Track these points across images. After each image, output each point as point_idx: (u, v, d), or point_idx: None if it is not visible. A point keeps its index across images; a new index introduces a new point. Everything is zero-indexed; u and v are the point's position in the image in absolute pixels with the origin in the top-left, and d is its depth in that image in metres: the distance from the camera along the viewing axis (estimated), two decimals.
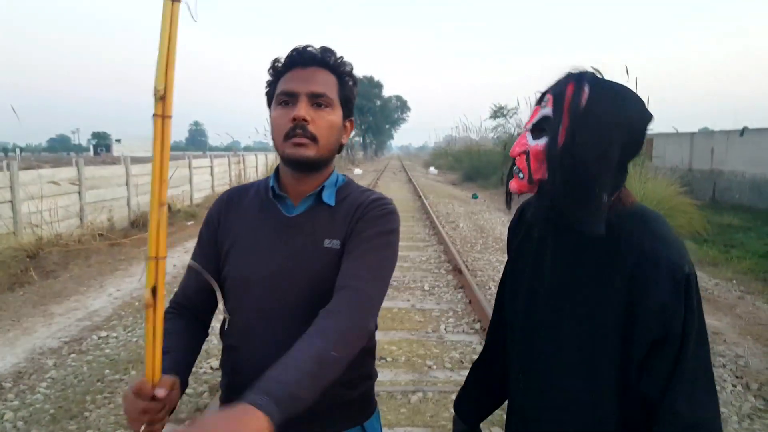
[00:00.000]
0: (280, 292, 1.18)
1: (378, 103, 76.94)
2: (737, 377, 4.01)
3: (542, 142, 1.02)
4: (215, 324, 1.33)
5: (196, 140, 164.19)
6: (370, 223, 1.19)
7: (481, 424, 1.45)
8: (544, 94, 1.06)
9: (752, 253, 8.58)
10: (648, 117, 1.03)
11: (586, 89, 0.98)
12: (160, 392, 0.96)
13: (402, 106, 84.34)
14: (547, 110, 1.02)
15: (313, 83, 1.18)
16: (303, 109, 1.16)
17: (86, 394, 3.71)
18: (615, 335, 1.00)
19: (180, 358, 1.15)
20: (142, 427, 0.97)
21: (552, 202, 1.01)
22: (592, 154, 0.97)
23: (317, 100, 1.18)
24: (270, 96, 1.25)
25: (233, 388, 1.22)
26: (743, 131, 15.22)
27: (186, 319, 1.26)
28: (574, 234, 1.02)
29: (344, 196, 1.25)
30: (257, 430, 0.80)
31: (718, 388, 3.73)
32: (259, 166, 21.06)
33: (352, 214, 1.22)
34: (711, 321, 5.38)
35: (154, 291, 0.90)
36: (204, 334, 1.31)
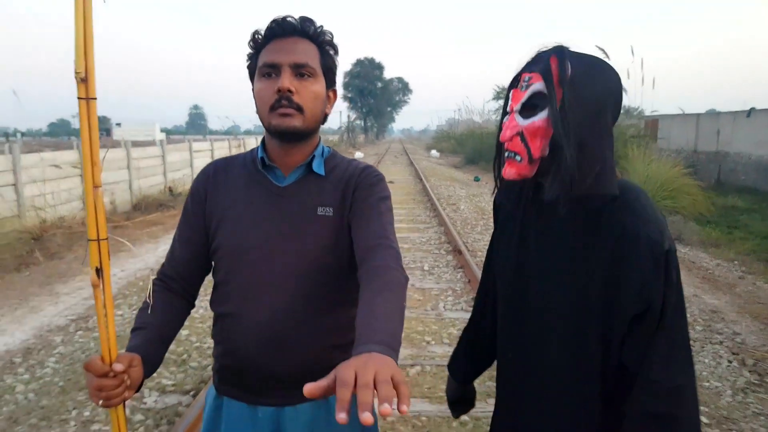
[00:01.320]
0: (275, 258, 1.20)
1: (379, 85, 76.04)
2: (733, 353, 4.06)
3: (538, 118, 1.01)
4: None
5: (196, 124, 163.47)
6: (368, 190, 1.24)
7: (477, 397, 1.52)
8: (517, 77, 1.07)
9: (755, 235, 8.60)
10: (620, 80, 1.07)
11: (568, 62, 1.01)
12: (118, 366, 0.98)
13: (403, 88, 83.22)
14: (537, 86, 1.01)
15: (294, 54, 1.18)
16: (287, 80, 1.16)
17: None
18: (597, 309, 1.03)
19: (153, 334, 1.16)
20: (100, 402, 0.99)
21: (571, 177, 0.99)
22: (588, 123, 1.00)
23: (300, 71, 1.18)
24: (252, 69, 1.24)
25: (230, 354, 1.26)
26: (750, 112, 15.08)
27: (171, 291, 1.27)
28: (559, 211, 1.03)
29: (332, 166, 1.28)
30: (395, 364, 0.79)
31: (714, 363, 3.82)
32: None
33: (345, 183, 1.25)
34: (710, 300, 5.43)
35: (98, 271, 0.93)
36: (189, 306, 1.32)
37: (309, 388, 0.73)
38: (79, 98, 0.88)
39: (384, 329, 0.91)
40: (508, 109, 1.08)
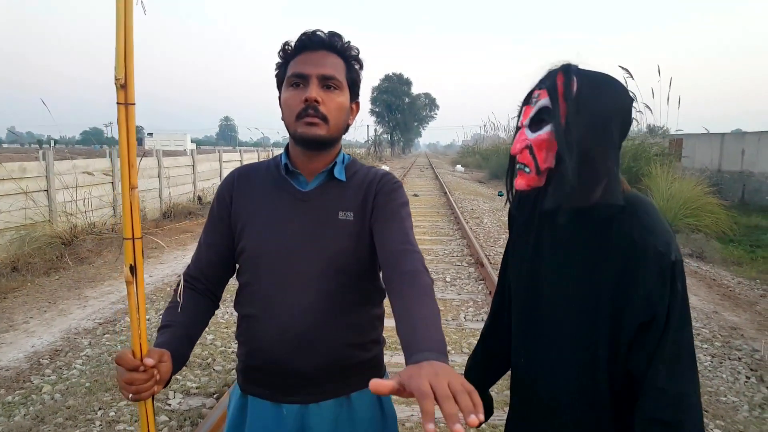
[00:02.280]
0: (297, 261, 1.24)
1: (406, 100, 76.36)
2: (752, 370, 4.02)
3: (544, 131, 1.06)
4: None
5: (226, 135, 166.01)
6: (388, 196, 1.28)
7: (495, 405, 1.53)
8: (530, 93, 1.12)
9: None
10: (631, 99, 1.10)
11: (574, 78, 1.05)
12: (149, 361, 1.01)
13: (430, 103, 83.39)
14: (544, 101, 1.07)
15: (323, 66, 1.22)
16: (314, 91, 1.21)
17: None
18: (606, 317, 1.07)
19: (181, 332, 1.19)
20: (130, 396, 1.01)
21: (571, 187, 1.03)
22: (592, 138, 1.04)
23: (327, 83, 1.23)
24: (280, 78, 1.29)
25: (254, 354, 1.30)
26: None
27: (197, 292, 1.31)
28: (572, 221, 1.09)
29: (353, 172, 1.33)
30: (455, 371, 0.81)
31: (732, 379, 3.80)
32: None
33: (366, 188, 1.30)
34: (730, 317, 5.37)
35: (132, 269, 0.96)
36: (214, 306, 1.35)
37: (375, 384, 0.75)
38: (118, 103, 0.92)
39: (431, 336, 0.93)
40: (519, 124, 1.14)
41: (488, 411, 1.52)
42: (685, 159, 17.58)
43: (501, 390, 3.29)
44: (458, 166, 36.91)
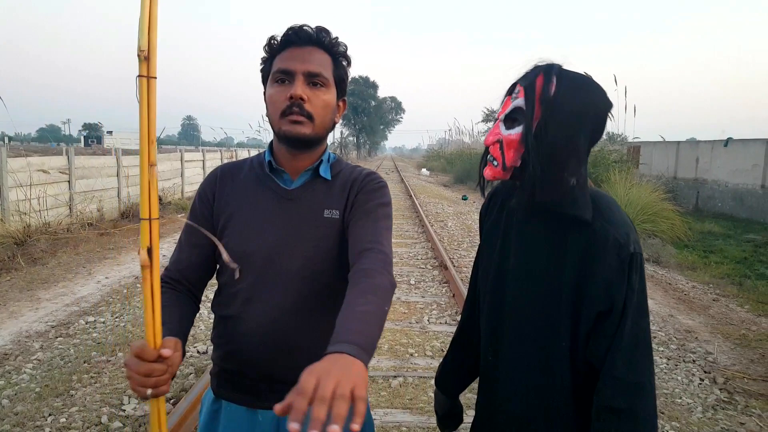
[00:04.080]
0: (281, 261, 1.21)
1: (372, 103, 76.51)
2: (705, 372, 4.15)
3: (515, 132, 1.08)
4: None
5: (189, 135, 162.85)
6: (369, 195, 1.25)
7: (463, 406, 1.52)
8: (514, 85, 1.13)
9: (730, 259, 8.81)
10: (609, 105, 1.11)
11: (554, 80, 1.06)
12: (166, 351, 0.94)
13: (396, 107, 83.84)
14: (519, 101, 1.08)
15: (309, 63, 1.19)
16: (300, 88, 1.17)
17: (72, 374, 3.78)
18: (568, 309, 1.10)
19: (175, 328, 1.12)
20: (149, 392, 0.93)
21: (532, 190, 1.07)
22: (562, 142, 1.06)
23: (313, 80, 1.19)
24: (265, 73, 1.25)
25: (232, 356, 1.25)
26: (727, 142, 15.46)
27: (178, 291, 1.25)
28: (536, 219, 1.13)
29: (338, 170, 1.30)
30: (363, 373, 0.78)
31: (686, 381, 3.91)
32: None
33: (350, 187, 1.26)
34: (685, 320, 5.54)
35: (149, 252, 0.90)
36: (196, 307, 1.28)
37: (278, 408, 0.72)
38: (139, 76, 0.87)
39: (360, 330, 0.90)
40: (497, 115, 1.15)
41: (457, 420, 1.52)
42: (643, 166, 18.13)
43: (464, 393, 3.30)
44: (423, 170, 37.20)
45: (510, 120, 1.10)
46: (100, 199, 10.37)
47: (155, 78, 0.88)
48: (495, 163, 1.12)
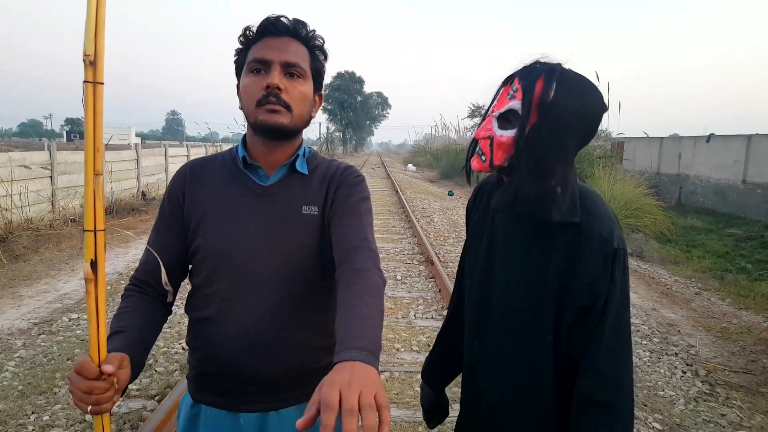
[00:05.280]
0: (259, 260, 1.17)
1: (359, 98, 76.40)
2: (687, 365, 4.22)
3: (507, 133, 1.08)
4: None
5: (173, 129, 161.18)
6: (350, 190, 1.23)
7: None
8: (512, 77, 1.11)
9: (711, 254, 8.94)
10: (604, 108, 1.10)
11: (554, 86, 1.04)
12: (108, 368, 0.91)
13: (383, 102, 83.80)
14: (516, 104, 1.07)
15: (286, 53, 1.17)
16: (277, 77, 1.15)
17: (56, 371, 3.74)
18: (552, 303, 1.11)
19: (135, 336, 1.09)
20: (89, 408, 0.91)
21: (516, 193, 1.08)
22: (552, 148, 1.06)
23: (290, 70, 1.17)
24: (239, 64, 1.23)
25: (210, 359, 1.21)
26: (709, 138, 15.67)
27: (148, 296, 1.21)
28: (523, 217, 1.13)
29: (314, 165, 1.27)
30: (380, 380, 0.79)
31: (669, 374, 3.96)
32: None
33: (328, 182, 1.24)
34: (668, 313, 5.62)
35: (93, 264, 0.87)
36: (167, 311, 1.25)
37: (301, 423, 0.71)
38: (85, 82, 0.85)
39: (365, 335, 0.89)
40: (491, 109, 1.14)
41: (443, 413, 1.53)
42: (627, 161, 18.29)
43: (449, 387, 3.32)
44: (410, 166, 37.21)
45: (503, 120, 1.10)
46: (83, 194, 10.20)
47: (102, 84, 0.87)
48: (483, 158, 1.13)
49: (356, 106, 75.37)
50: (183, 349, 4.14)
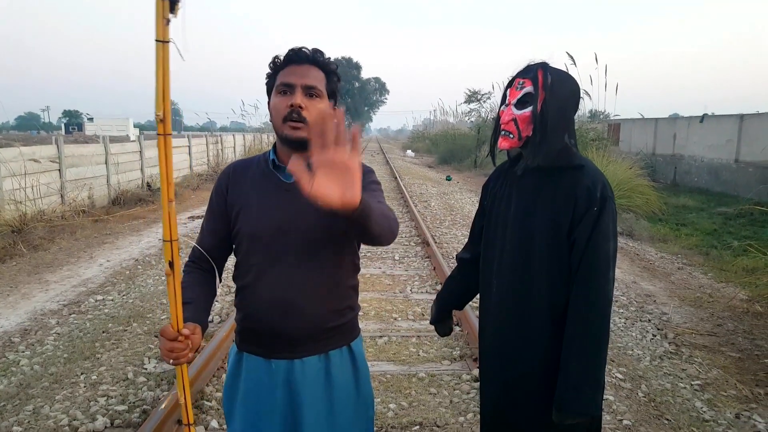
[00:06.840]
0: (285, 241, 1.46)
1: (356, 84, 75.82)
2: (658, 329, 4.64)
3: (527, 110, 1.51)
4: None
5: (172, 119, 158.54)
6: (365, 178, 1.43)
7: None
8: (514, 79, 1.57)
9: (700, 231, 9.25)
10: (579, 87, 1.60)
11: (549, 74, 1.51)
12: (185, 331, 1.26)
13: (380, 88, 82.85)
14: (529, 89, 1.51)
15: (306, 78, 1.45)
16: (299, 98, 1.43)
17: (95, 342, 4.18)
18: (550, 240, 1.51)
19: (201, 305, 1.44)
20: (171, 361, 1.25)
21: (542, 150, 1.49)
22: (559, 114, 1.51)
23: (310, 91, 1.45)
24: (270, 86, 1.52)
25: (248, 318, 1.53)
26: (703, 118, 15.93)
27: (203, 270, 1.54)
28: (532, 176, 1.56)
29: None
30: (358, 191, 1.07)
31: (640, 336, 4.43)
32: (237, 147, 21.20)
33: None
34: (647, 285, 6.03)
35: (171, 264, 1.20)
36: (218, 279, 1.56)
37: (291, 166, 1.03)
38: (158, 134, 1.13)
39: (370, 199, 1.17)
40: (507, 102, 1.57)
41: (450, 328, 1.98)
42: (622, 143, 18.59)
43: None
44: (408, 151, 37.34)
45: (521, 103, 1.53)
46: (90, 186, 10.54)
47: (171, 134, 1.15)
48: (511, 135, 1.54)
49: (354, 92, 74.83)
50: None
